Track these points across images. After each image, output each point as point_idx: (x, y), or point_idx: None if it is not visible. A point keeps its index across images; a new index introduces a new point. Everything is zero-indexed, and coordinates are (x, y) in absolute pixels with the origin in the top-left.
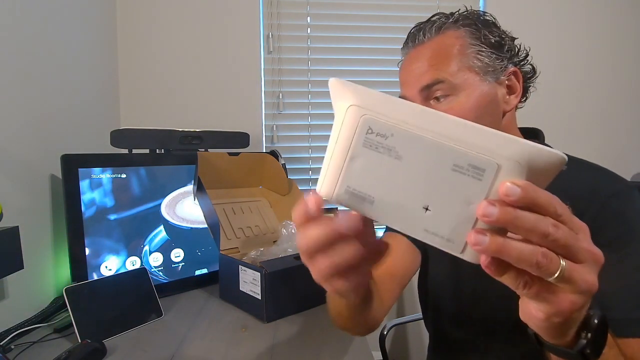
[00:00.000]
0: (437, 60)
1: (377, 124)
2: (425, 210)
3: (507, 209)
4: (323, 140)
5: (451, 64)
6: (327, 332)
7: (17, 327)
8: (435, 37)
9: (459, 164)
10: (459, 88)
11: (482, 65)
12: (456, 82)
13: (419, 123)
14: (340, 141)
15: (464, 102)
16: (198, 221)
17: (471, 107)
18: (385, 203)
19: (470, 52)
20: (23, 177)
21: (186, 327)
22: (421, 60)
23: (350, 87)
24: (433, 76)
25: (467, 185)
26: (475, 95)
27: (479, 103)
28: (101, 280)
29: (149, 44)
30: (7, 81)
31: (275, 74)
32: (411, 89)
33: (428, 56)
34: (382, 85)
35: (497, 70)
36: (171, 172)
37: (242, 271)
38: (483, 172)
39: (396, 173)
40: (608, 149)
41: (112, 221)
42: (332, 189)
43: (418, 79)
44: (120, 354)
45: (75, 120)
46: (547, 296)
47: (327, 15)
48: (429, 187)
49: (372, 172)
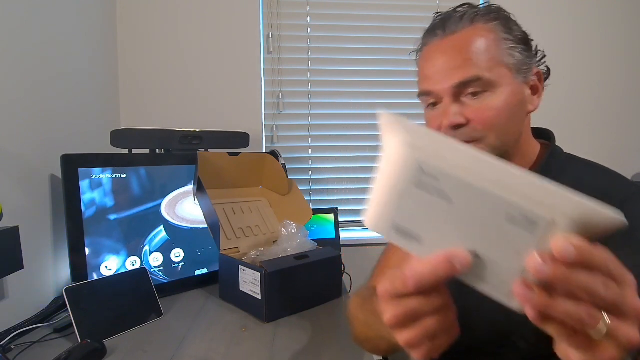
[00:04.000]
0: (472, 55)
1: (429, 166)
2: (475, 257)
3: (560, 268)
4: (323, 140)
5: (487, 58)
6: (327, 332)
7: (17, 327)
8: (467, 28)
9: (512, 215)
10: (494, 85)
11: (514, 63)
12: (492, 78)
13: (472, 168)
14: (390, 177)
15: (498, 101)
16: (198, 221)
17: (504, 106)
18: (433, 243)
19: (503, 48)
20: (23, 177)
21: (186, 327)
22: (453, 53)
23: (404, 124)
24: (469, 72)
25: (518, 237)
26: (508, 94)
27: (511, 102)
28: (101, 280)
29: (149, 44)
30: (7, 81)
31: (275, 74)
32: (440, 83)
33: (462, 49)
34: (382, 85)
35: (526, 69)
36: (171, 172)
37: (242, 271)
38: (536, 226)
39: (446, 216)
40: (608, 149)
41: (112, 221)
42: (379, 222)
43: (450, 73)
44: (120, 354)
45: (75, 120)
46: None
47: (327, 15)
48: (479, 233)
49: (421, 211)
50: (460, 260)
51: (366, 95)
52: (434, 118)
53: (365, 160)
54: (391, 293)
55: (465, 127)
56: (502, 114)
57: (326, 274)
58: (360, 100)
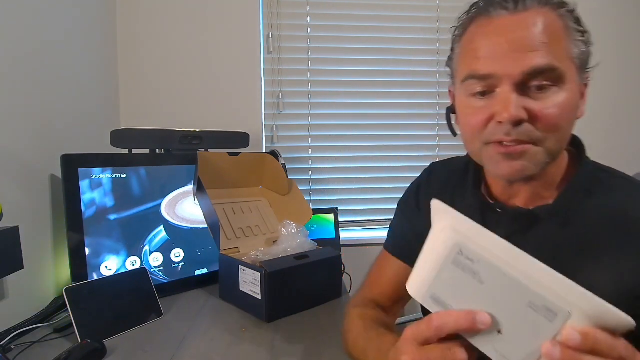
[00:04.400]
0: (550, 38)
1: (467, 249)
2: (497, 332)
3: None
4: (323, 140)
5: (560, 47)
6: (327, 332)
7: (17, 327)
8: (537, 8)
9: (535, 304)
10: (563, 80)
11: (580, 59)
12: (564, 71)
13: (505, 258)
14: (434, 254)
15: (564, 99)
16: (198, 221)
17: (568, 107)
18: None
19: (573, 39)
20: (23, 177)
21: (186, 327)
22: (527, 33)
23: (450, 212)
24: (546, 59)
25: (539, 323)
26: (572, 93)
27: (573, 103)
28: (101, 280)
29: (149, 44)
30: (7, 81)
31: (275, 74)
32: (507, 67)
33: (537, 30)
34: (382, 85)
35: (586, 69)
36: (171, 172)
37: (242, 271)
38: (555, 316)
39: (476, 294)
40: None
41: (112, 221)
42: (420, 291)
43: (522, 57)
44: (120, 354)
45: (75, 120)
46: None
47: (327, 15)
48: (504, 314)
49: (455, 286)
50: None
51: (366, 95)
52: (483, 109)
53: (365, 160)
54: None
55: (524, 124)
56: (565, 115)
57: (326, 274)
58: (360, 100)
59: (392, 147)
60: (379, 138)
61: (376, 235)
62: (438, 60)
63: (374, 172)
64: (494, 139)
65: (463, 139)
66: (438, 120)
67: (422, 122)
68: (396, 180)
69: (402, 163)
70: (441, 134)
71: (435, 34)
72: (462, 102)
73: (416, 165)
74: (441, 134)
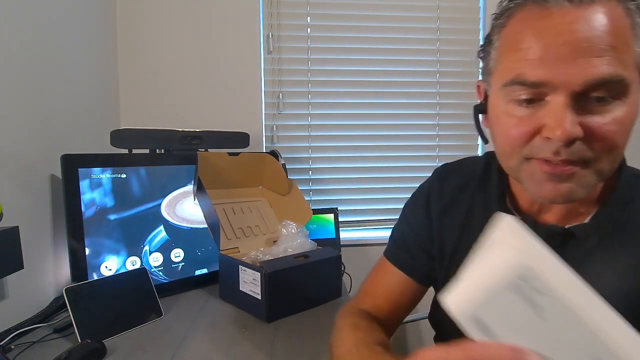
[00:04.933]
0: (617, 40)
1: (535, 277)
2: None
3: None
4: (323, 140)
5: (630, 52)
6: (327, 332)
7: (17, 327)
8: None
9: (599, 356)
10: (627, 92)
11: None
12: (630, 82)
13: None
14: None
15: (626, 114)
16: (198, 221)
17: (629, 122)
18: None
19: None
20: (23, 177)
21: (186, 327)
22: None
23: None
24: (616, 68)
25: None
26: (634, 107)
27: (633, 120)
28: (101, 280)
29: (149, 44)
30: (7, 81)
31: (275, 74)
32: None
33: (606, 29)
34: (382, 85)
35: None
36: (171, 172)
37: (242, 271)
38: None
39: (531, 329)
40: None
41: (112, 221)
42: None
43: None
44: (120, 354)
45: (75, 120)
46: None
47: (327, 15)
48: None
49: (508, 315)
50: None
51: (366, 95)
52: (528, 119)
53: (365, 160)
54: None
55: (577, 142)
56: (624, 132)
57: (326, 274)
58: (360, 100)
59: (392, 147)
60: (379, 138)
61: (376, 235)
62: (438, 60)
63: (374, 172)
64: (539, 156)
65: (497, 150)
66: (438, 120)
67: (422, 122)
68: (396, 180)
69: (402, 163)
70: (441, 134)
71: (435, 34)
72: (499, 107)
73: (416, 165)
74: (441, 134)
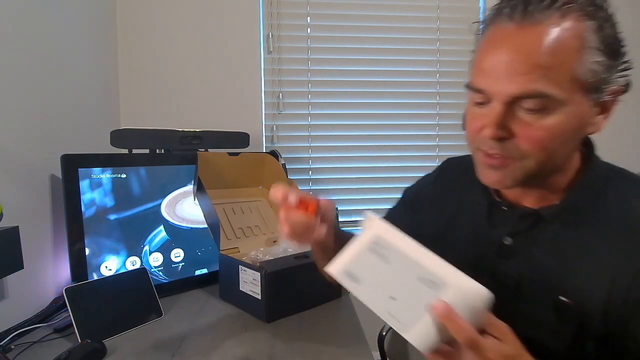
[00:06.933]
0: (547, 62)
1: (383, 241)
2: (391, 298)
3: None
4: (323, 140)
5: (564, 72)
6: (327, 332)
7: (17, 327)
8: (553, 19)
9: (423, 277)
10: (559, 104)
11: (593, 81)
12: (560, 97)
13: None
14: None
15: (556, 123)
16: (198, 221)
17: (561, 130)
18: (367, 287)
19: (587, 60)
20: (23, 177)
21: (186, 327)
22: (524, 52)
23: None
24: (535, 86)
25: (424, 291)
26: (571, 116)
27: (571, 127)
28: (101, 280)
29: (149, 44)
30: (7, 81)
31: (275, 74)
32: (497, 85)
33: (536, 50)
34: (382, 85)
35: (603, 87)
36: (171, 172)
37: (242, 271)
38: (436, 286)
39: (382, 271)
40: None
41: (112, 221)
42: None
43: (512, 78)
44: (120, 354)
45: (75, 120)
46: None
47: (327, 15)
48: (400, 286)
49: (367, 265)
50: None
51: (366, 95)
52: (477, 117)
53: (366, 160)
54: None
55: (507, 140)
56: (555, 139)
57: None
58: (360, 100)
59: (392, 147)
60: (379, 138)
61: None
62: (438, 60)
63: (374, 172)
64: (482, 148)
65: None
66: (438, 120)
67: (422, 122)
68: (396, 180)
69: (402, 163)
70: (441, 134)
71: (435, 34)
72: (468, 104)
73: (416, 165)
74: (441, 134)
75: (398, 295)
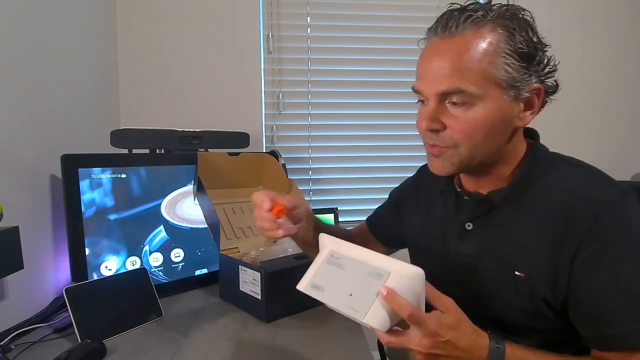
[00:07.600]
0: (462, 65)
1: (336, 253)
2: (349, 295)
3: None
4: (323, 140)
5: (477, 72)
6: (327, 332)
7: (17, 327)
8: (468, 31)
9: (371, 272)
10: (477, 99)
11: (507, 79)
12: (476, 93)
13: (355, 253)
14: (318, 260)
15: (478, 115)
16: (198, 221)
17: (484, 121)
18: (330, 291)
19: (499, 62)
20: (23, 177)
21: (186, 327)
22: (445, 59)
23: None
24: (454, 84)
25: (374, 283)
26: (492, 109)
27: (493, 119)
28: (101, 280)
29: (149, 44)
30: (7, 81)
31: (275, 74)
32: (428, 86)
33: (454, 57)
34: (382, 85)
35: (521, 86)
36: (171, 172)
37: (242, 271)
38: (381, 276)
39: (339, 276)
40: (607, 149)
41: (112, 221)
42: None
43: (437, 80)
44: (120, 354)
45: (75, 120)
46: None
47: (327, 15)
48: (354, 283)
49: (327, 275)
50: None
51: (366, 95)
52: (421, 114)
53: (366, 160)
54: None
55: (441, 132)
56: (479, 129)
57: None
58: (360, 100)
59: (392, 147)
60: (379, 138)
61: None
62: None
63: (374, 172)
64: (426, 140)
65: None
66: None
67: None
68: (396, 180)
69: (402, 163)
70: None
71: None
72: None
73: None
74: None
75: (354, 291)
